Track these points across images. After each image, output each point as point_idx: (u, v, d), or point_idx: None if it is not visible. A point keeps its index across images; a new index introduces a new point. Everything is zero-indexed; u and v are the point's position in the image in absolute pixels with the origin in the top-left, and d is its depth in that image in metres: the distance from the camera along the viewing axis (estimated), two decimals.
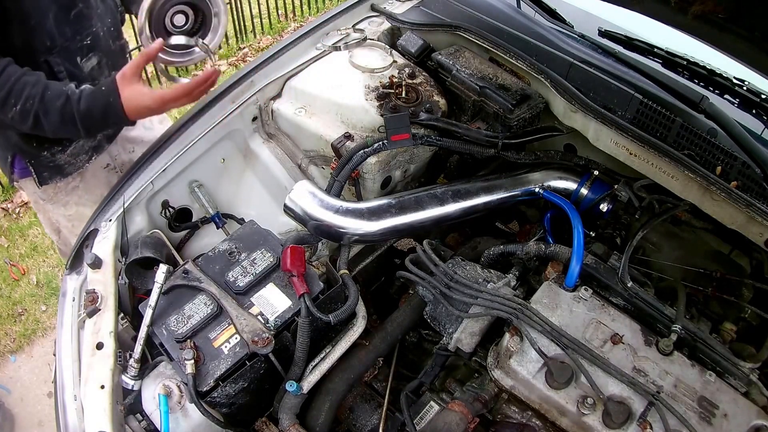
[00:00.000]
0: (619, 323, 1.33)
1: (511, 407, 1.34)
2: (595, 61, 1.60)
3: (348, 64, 1.76)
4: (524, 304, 1.33)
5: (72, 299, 1.44)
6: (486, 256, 1.58)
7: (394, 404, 1.45)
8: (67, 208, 1.84)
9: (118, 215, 1.54)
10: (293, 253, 1.33)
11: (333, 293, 1.38)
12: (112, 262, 1.45)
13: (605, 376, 1.23)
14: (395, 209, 1.50)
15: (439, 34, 1.85)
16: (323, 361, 1.36)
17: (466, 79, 1.67)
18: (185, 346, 1.21)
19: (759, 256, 1.54)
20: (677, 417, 1.17)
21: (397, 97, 1.66)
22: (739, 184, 1.36)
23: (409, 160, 1.70)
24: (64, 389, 1.30)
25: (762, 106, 1.54)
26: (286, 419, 1.29)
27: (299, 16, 5.41)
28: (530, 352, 1.26)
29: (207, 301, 1.29)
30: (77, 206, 1.83)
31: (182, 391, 1.23)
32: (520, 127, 1.65)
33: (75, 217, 1.86)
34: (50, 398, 2.64)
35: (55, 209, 1.86)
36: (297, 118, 1.73)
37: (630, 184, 1.55)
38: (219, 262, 1.39)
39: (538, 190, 1.63)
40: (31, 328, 3.11)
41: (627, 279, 1.38)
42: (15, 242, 3.47)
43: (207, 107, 1.70)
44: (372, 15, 2.03)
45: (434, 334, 1.57)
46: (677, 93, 1.46)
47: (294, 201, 1.49)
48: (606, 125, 1.48)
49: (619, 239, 1.65)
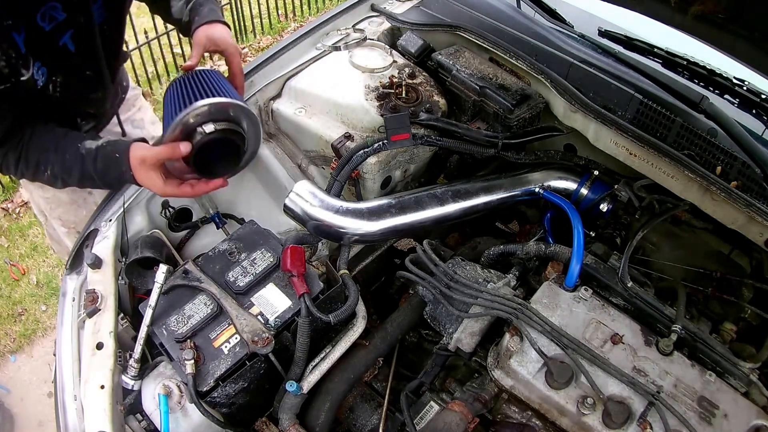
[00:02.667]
0: (619, 323, 1.33)
1: (511, 407, 1.34)
2: (595, 61, 1.61)
3: (348, 64, 1.76)
4: (524, 304, 1.33)
5: (72, 299, 1.44)
6: (486, 256, 1.58)
7: (394, 404, 1.45)
8: (45, 191, 1.85)
9: (118, 215, 1.54)
10: (293, 253, 1.33)
11: (333, 293, 1.38)
12: (112, 262, 1.46)
13: (605, 376, 1.23)
14: (395, 209, 1.50)
15: (439, 34, 1.85)
16: (323, 361, 1.36)
17: (466, 79, 1.68)
18: (185, 346, 1.21)
19: (759, 256, 1.54)
20: (677, 417, 1.17)
21: (397, 97, 1.66)
22: (739, 184, 1.36)
23: (409, 160, 1.70)
24: (64, 389, 1.30)
25: (762, 106, 1.54)
26: (286, 419, 1.29)
27: (299, 16, 5.41)
28: (530, 352, 1.26)
29: (207, 301, 1.29)
30: (53, 189, 1.81)
31: (182, 391, 1.23)
32: (520, 127, 1.65)
33: (52, 200, 1.87)
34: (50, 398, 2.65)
35: (35, 190, 1.88)
36: (297, 118, 1.73)
37: (630, 184, 1.55)
38: (219, 262, 1.39)
39: (538, 190, 1.63)
40: (31, 328, 3.11)
41: (627, 279, 1.38)
42: (15, 242, 3.47)
43: None
44: (372, 15, 2.03)
45: (434, 334, 1.57)
46: (677, 93, 1.46)
47: (294, 201, 1.49)
48: (606, 125, 1.48)
49: (619, 239, 1.65)
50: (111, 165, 1.37)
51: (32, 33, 1.26)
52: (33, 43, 1.27)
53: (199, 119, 1.27)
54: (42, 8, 1.27)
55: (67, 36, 1.37)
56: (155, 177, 1.33)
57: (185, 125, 1.26)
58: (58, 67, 1.38)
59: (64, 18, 1.32)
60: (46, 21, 1.29)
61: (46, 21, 1.29)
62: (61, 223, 1.99)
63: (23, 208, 3.63)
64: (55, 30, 1.32)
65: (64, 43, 1.37)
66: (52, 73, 1.37)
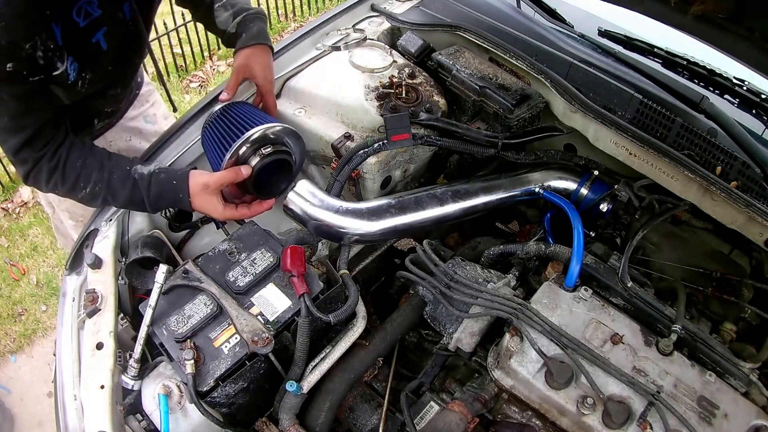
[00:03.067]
0: (619, 323, 1.33)
1: (511, 407, 1.34)
2: (595, 61, 1.61)
3: (348, 64, 1.76)
4: (524, 304, 1.33)
5: (72, 299, 1.43)
6: (486, 256, 1.58)
7: (394, 404, 1.45)
8: None
9: (118, 215, 1.54)
10: (293, 253, 1.33)
11: (333, 293, 1.38)
12: (112, 262, 1.46)
13: (605, 376, 1.23)
14: (395, 209, 1.50)
15: (439, 34, 1.85)
16: (323, 361, 1.36)
17: (466, 79, 1.67)
18: (185, 346, 1.21)
19: (759, 256, 1.54)
20: (677, 417, 1.17)
21: (397, 97, 1.66)
22: (739, 184, 1.36)
23: (409, 160, 1.70)
24: (64, 389, 1.30)
25: (762, 106, 1.55)
26: (286, 419, 1.29)
27: (299, 16, 5.41)
28: (530, 352, 1.26)
29: (207, 301, 1.29)
30: None
31: (182, 391, 1.23)
32: (520, 127, 1.65)
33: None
34: (50, 398, 2.65)
35: None
36: (297, 119, 1.73)
37: (630, 184, 1.55)
38: (219, 262, 1.39)
39: (538, 190, 1.63)
40: (31, 328, 3.11)
41: (627, 279, 1.38)
42: (15, 242, 3.47)
43: (207, 107, 1.70)
44: (372, 15, 2.03)
45: (434, 334, 1.57)
46: (677, 93, 1.46)
47: (294, 201, 1.50)
48: (606, 125, 1.48)
49: (619, 239, 1.66)
50: (166, 191, 1.40)
51: (67, 27, 1.26)
52: (68, 38, 1.27)
53: (257, 144, 1.41)
54: (78, 3, 1.27)
55: (100, 33, 1.36)
56: (216, 201, 1.41)
57: (241, 153, 1.40)
58: (89, 64, 1.38)
59: (98, 15, 1.32)
60: (82, 16, 1.29)
61: (82, 16, 1.29)
62: (69, 215, 1.98)
63: (23, 208, 3.63)
64: (90, 26, 1.33)
65: (97, 40, 1.37)
66: (83, 69, 1.37)
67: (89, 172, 1.38)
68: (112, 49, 1.43)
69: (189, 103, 4.34)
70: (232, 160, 1.40)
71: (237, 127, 1.43)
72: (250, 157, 1.41)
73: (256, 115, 1.50)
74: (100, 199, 1.41)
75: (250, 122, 1.43)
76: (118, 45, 1.45)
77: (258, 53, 1.61)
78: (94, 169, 1.38)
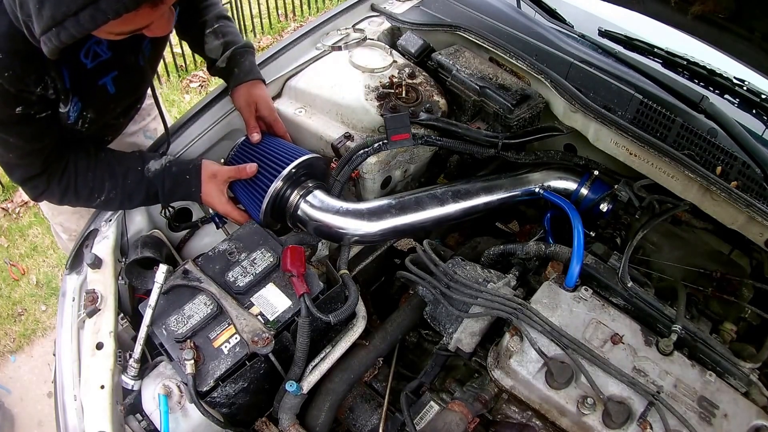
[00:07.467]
0: (619, 323, 1.33)
1: (511, 407, 1.34)
2: (595, 61, 1.61)
3: (348, 64, 1.76)
4: (524, 304, 1.33)
5: (72, 299, 1.44)
6: (486, 256, 1.58)
7: (394, 404, 1.45)
8: None
9: (118, 215, 1.54)
10: (293, 253, 1.33)
11: (333, 293, 1.38)
12: (112, 262, 1.46)
13: (605, 376, 1.23)
14: (395, 209, 1.50)
15: (439, 34, 1.85)
16: (323, 361, 1.35)
17: (466, 79, 1.67)
18: (185, 346, 1.21)
19: (759, 256, 1.54)
20: (677, 417, 1.17)
21: (397, 97, 1.66)
22: (739, 184, 1.36)
23: (409, 160, 1.70)
24: (64, 389, 1.30)
25: (762, 106, 1.55)
26: (286, 419, 1.29)
27: (299, 16, 5.41)
28: (530, 352, 1.26)
29: (207, 301, 1.29)
30: None
31: (182, 391, 1.23)
32: (520, 127, 1.65)
33: (54, 207, 1.85)
34: (50, 398, 2.65)
35: None
36: (297, 118, 1.73)
37: (630, 184, 1.55)
38: (219, 262, 1.39)
39: (538, 190, 1.63)
40: (31, 328, 3.11)
41: (627, 279, 1.38)
42: (15, 242, 3.47)
43: (207, 107, 1.70)
44: (372, 15, 2.03)
45: (434, 334, 1.57)
46: (677, 93, 1.46)
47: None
48: (606, 125, 1.48)
49: (619, 239, 1.65)
50: (180, 184, 1.44)
51: (75, 69, 1.24)
52: (74, 79, 1.25)
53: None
54: (87, 44, 1.24)
55: (109, 78, 1.34)
56: (221, 193, 1.49)
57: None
58: (93, 105, 1.36)
59: (108, 57, 1.29)
60: (90, 58, 1.27)
61: (90, 58, 1.27)
62: (62, 229, 1.99)
63: (23, 208, 3.63)
64: (98, 68, 1.30)
65: (104, 83, 1.35)
66: (85, 108, 1.34)
67: (101, 182, 1.41)
68: (122, 93, 1.41)
69: (189, 103, 4.33)
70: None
71: (275, 158, 1.51)
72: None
73: (284, 145, 1.58)
74: (116, 203, 1.45)
75: (283, 153, 1.52)
76: (130, 89, 1.45)
77: (255, 88, 1.63)
78: (105, 178, 1.41)
